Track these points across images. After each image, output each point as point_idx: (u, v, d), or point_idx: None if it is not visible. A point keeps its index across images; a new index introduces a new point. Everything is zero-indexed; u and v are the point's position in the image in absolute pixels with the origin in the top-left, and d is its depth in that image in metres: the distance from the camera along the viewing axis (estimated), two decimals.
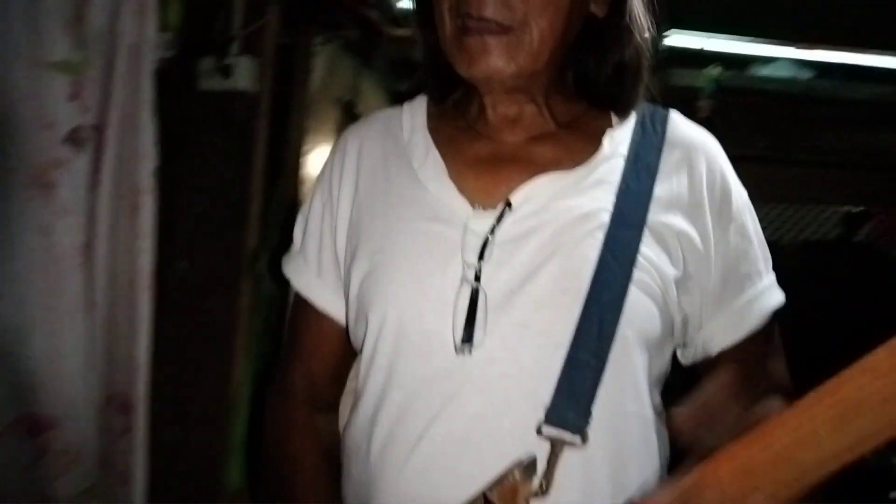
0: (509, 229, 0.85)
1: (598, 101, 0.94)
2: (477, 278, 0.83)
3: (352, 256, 0.92)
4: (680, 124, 0.94)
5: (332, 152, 1.01)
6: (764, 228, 0.93)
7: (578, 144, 0.90)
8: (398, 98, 1.04)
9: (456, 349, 0.82)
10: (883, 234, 4.12)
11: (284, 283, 1.02)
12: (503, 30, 0.83)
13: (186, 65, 1.90)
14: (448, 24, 0.86)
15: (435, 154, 0.92)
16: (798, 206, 4.03)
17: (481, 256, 0.84)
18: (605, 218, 0.84)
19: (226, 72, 1.92)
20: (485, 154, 0.92)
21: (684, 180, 0.88)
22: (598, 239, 0.83)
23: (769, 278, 0.92)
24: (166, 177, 1.49)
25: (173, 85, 1.67)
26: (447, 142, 0.94)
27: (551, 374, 0.80)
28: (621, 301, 0.81)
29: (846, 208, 4.20)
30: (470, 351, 0.82)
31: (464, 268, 0.84)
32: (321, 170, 1.02)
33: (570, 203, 0.86)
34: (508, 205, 0.86)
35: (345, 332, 0.96)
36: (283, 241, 1.05)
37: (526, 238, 0.85)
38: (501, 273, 0.83)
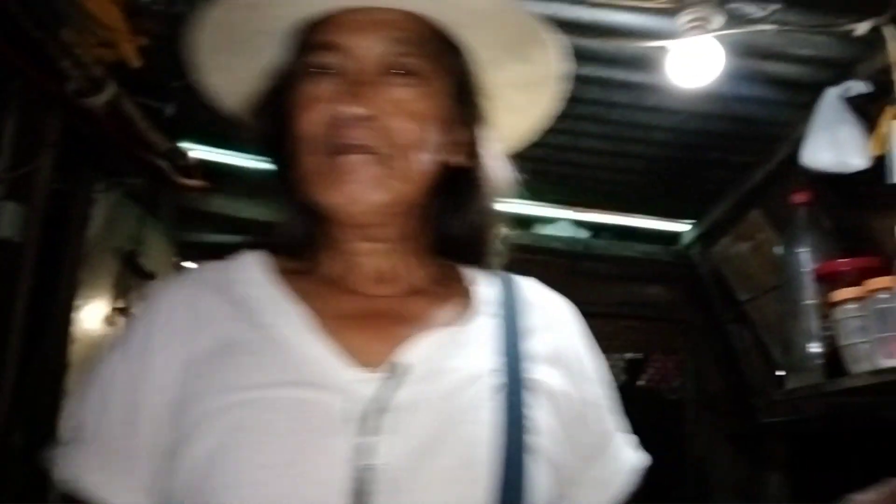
0: (400, 394, 0.75)
1: (458, 258, 0.93)
2: (364, 453, 0.71)
3: (178, 440, 0.74)
4: (535, 288, 0.95)
5: (145, 307, 0.85)
6: None
7: (450, 301, 0.87)
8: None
9: None
10: (660, 379, 4.53)
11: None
12: (375, 155, 0.79)
13: None
14: (313, 157, 0.80)
15: (294, 307, 0.81)
16: None
17: (367, 426, 0.73)
18: (490, 379, 0.79)
19: None
20: (354, 309, 0.83)
21: (549, 339, 0.87)
22: (490, 401, 0.77)
23: (629, 434, 0.93)
24: None
25: None
26: (304, 297, 0.83)
27: None
28: (522, 477, 0.74)
29: (628, 356, 4.52)
30: None
31: (350, 443, 0.71)
32: (125, 331, 0.85)
33: (456, 363, 0.79)
34: (397, 365, 0.77)
35: None
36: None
37: (420, 403, 0.75)
38: (396, 446, 0.72)
